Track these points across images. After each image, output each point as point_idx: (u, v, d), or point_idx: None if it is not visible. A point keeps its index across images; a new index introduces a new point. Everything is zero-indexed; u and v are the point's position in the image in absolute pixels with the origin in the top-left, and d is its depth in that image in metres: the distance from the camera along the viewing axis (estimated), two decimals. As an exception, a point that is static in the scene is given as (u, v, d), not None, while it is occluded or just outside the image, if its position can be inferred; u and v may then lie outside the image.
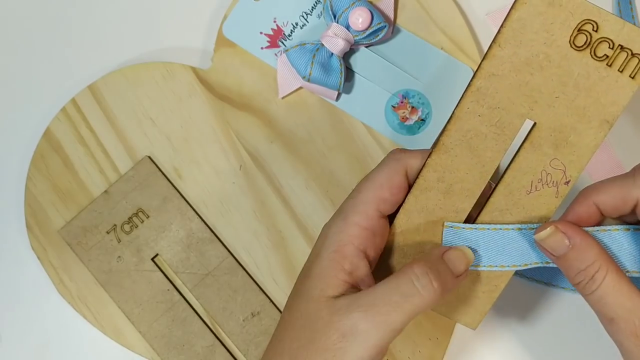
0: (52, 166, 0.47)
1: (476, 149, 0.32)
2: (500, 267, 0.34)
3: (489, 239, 0.34)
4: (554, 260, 0.32)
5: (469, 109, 0.32)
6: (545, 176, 0.32)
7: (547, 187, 0.32)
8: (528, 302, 0.46)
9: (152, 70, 0.47)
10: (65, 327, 0.48)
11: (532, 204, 0.33)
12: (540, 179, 0.32)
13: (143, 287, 0.46)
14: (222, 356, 0.45)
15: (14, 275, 0.48)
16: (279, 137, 0.46)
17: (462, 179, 0.33)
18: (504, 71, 0.31)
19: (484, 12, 0.47)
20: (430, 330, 0.45)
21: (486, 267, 0.34)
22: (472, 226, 0.34)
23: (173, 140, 0.47)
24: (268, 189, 0.46)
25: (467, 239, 0.34)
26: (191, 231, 0.46)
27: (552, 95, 0.31)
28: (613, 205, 0.32)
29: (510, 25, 0.31)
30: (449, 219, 0.34)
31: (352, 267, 0.32)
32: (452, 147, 0.32)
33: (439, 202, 0.33)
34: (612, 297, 0.31)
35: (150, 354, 0.46)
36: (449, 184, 0.33)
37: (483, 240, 0.34)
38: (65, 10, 0.50)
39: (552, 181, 0.32)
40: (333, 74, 0.44)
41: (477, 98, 0.32)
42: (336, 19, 0.44)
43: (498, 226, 0.33)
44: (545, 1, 0.30)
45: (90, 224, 0.46)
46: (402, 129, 0.45)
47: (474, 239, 0.34)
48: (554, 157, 0.32)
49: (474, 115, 0.32)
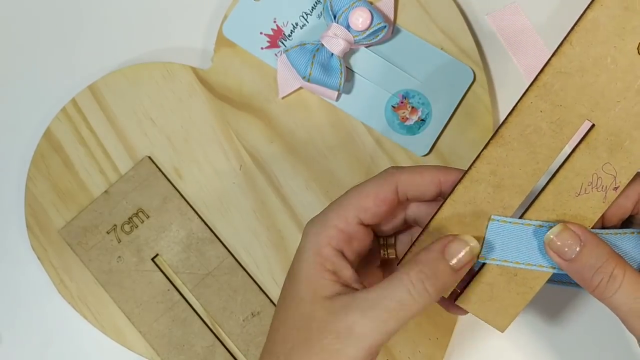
0: (53, 166, 0.47)
1: (533, 145, 0.32)
2: (539, 266, 0.33)
3: (533, 235, 0.33)
4: (564, 266, 0.32)
5: (532, 103, 0.32)
6: (596, 180, 0.32)
7: (596, 191, 0.32)
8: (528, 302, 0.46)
9: (152, 70, 0.47)
10: (65, 327, 0.48)
11: (578, 207, 0.33)
12: (590, 182, 0.32)
13: (143, 287, 0.46)
14: (222, 356, 0.45)
15: (14, 276, 0.48)
16: (279, 137, 0.46)
17: (515, 174, 0.33)
18: (571, 70, 0.31)
19: (484, 12, 0.47)
20: (430, 330, 0.45)
21: (525, 265, 0.33)
22: (520, 221, 0.33)
23: (173, 140, 0.47)
24: (268, 189, 0.46)
25: (512, 234, 0.33)
26: (191, 231, 0.46)
27: (614, 99, 0.31)
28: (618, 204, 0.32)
29: (584, 25, 0.31)
30: (496, 214, 0.33)
31: (334, 267, 0.33)
32: (509, 140, 0.32)
33: (487, 195, 0.33)
34: (632, 295, 0.30)
35: (150, 354, 0.46)
36: (500, 178, 0.33)
37: (526, 237, 0.33)
38: (65, 10, 0.49)
39: (602, 186, 0.32)
40: (333, 74, 0.44)
41: (541, 93, 0.32)
42: (336, 19, 0.44)
43: (545, 223, 0.33)
44: (621, 5, 0.30)
45: (90, 224, 0.46)
46: (402, 129, 0.45)
47: (518, 235, 0.33)
48: (607, 161, 0.32)
49: (536, 111, 0.32)
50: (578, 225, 0.32)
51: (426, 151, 0.45)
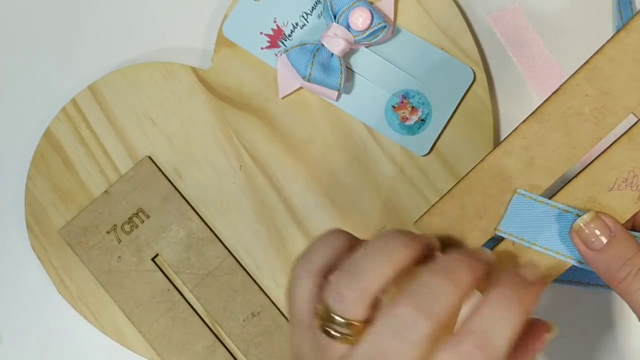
0: (53, 166, 0.47)
1: (572, 128, 0.31)
2: (556, 253, 0.32)
3: (556, 219, 0.32)
4: (590, 256, 0.30)
5: (579, 85, 0.30)
6: (632, 177, 0.31)
7: (630, 190, 0.31)
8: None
9: (152, 70, 0.47)
10: (65, 327, 0.48)
11: (608, 202, 0.31)
12: (625, 179, 0.31)
13: (143, 287, 0.46)
14: (222, 356, 0.45)
15: (14, 275, 0.48)
16: (279, 137, 0.46)
17: (548, 155, 0.31)
18: (624, 59, 0.30)
19: (484, 12, 0.47)
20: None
21: (541, 248, 0.32)
22: (546, 200, 0.32)
23: (173, 140, 0.47)
24: (268, 189, 0.46)
25: (535, 212, 0.32)
26: (191, 231, 0.46)
27: None
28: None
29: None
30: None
31: None
32: (548, 118, 0.31)
33: (517, 170, 0.32)
34: None
35: (150, 354, 0.46)
36: (533, 155, 0.32)
37: (549, 219, 0.32)
38: (65, 10, 0.49)
39: (637, 185, 0.31)
40: (333, 74, 0.44)
41: (590, 77, 0.30)
42: (336, 19, 0.44)
43: (571, 209, 0.31)
44: None
45: (90, 224, 0.46)
46: (402, 129, 0.45)
47: (541, 215, 0.32)
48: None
49: (581, 93, 0.31)
50: (609, 215, 0.31)
51: (426, 151, 0.45)
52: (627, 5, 0.48)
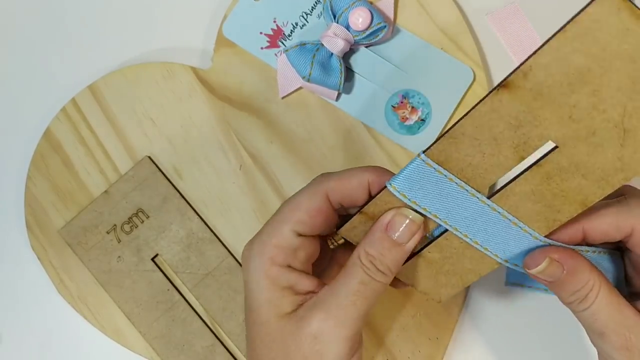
0: (52, 166, 0.47)
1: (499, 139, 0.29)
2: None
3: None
4: (546, 284, 0.32)
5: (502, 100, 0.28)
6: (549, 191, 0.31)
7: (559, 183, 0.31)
8: (527, 302, 0.46)
9: (152, 70, 0.47)
10: (65, 327, 0.48)
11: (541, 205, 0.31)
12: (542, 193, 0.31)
13: (143, 287, 0.46)
14: (222, 356, 0.45)
15: (14, 275, 0.48)
16: (279, 137, 0.46)
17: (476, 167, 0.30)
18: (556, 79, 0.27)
19: (484, 12, 0.47)
20: (430, 330, 0.45)
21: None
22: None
23: (173, 140, 0.47)
24: (268, 189, 0.46)
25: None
26: (191, 231, 0.46)
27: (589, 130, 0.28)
28: (604, 232, 0.32)
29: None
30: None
31: (288, 283, 0.33)
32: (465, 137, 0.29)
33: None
34: (604, 312, 0.31)
35: (150, 354, 0.46)
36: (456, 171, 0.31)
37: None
38: (65, 10, 0.50)
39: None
40: (333, 74, 0.44)
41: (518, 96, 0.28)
42: (336, 19, 0.44)
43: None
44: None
45: (90, 224, 0.46)
46: (402, 129, 0.45)
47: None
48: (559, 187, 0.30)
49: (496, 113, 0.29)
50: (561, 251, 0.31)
51: (426, 151, 0.45)
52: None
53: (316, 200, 0.33)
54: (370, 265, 0.32)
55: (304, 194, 0.34)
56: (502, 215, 0.32)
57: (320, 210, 0.33)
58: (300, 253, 0.33)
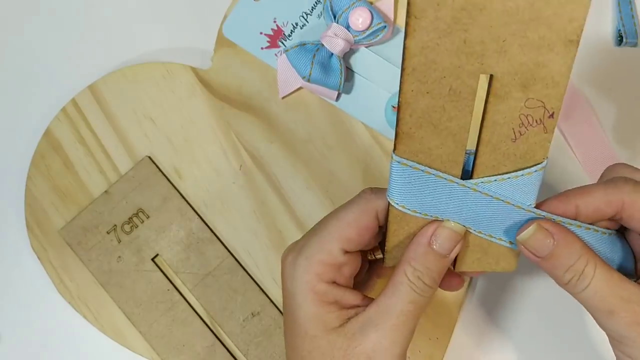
0: (52, 166, 0.47)
1: (440, 123, 0.30)
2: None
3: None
4: (538, 263, 0.32)
5: (414, 90, 0.29)
6: (525, 118, 0.30)
7: (532, 127, 0.30)
8: (527, 302, 0.46)
9: (152, 70, 0.47)
10: (65, 327, 0.48)
11: (522, 149, 0.31)
12: (521, 123, 0.30)
13: (143, 287, 0.46)
14: (222, 356, 0.45)
15: (14, 275, 0.48)
16: (279, 137, 0.46)
17: (439, 155, 0.31)
18: (432, 40, 0.28)
19: (484, 12, 0.47)
20: (430, 330, 0.45)
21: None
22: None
23: (173, 140, 0.47)
24: (268, 189, 0.46)
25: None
26: (191, 231, 0.46)
27: (499, 41, 0.28)
28: (595, 208, 0.32)
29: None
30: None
31: (334, 298, 0.33)
32: (413, 131, 0.30)
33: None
34: (607, 289, 0.30)
35: (150, 354, 0.46)
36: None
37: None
38: (65, 10, 0.50)
39: (535, 120, 0.30)
40: (333, 74, 0.44)
41: (417, 78, 0.29)
42: (336, 19, 0.44)
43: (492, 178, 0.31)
44: None
45: (90, 224, 0.46)
46: (402, 129, 0.45)
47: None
48: (527, 97, 0.29)
49: (422, 95, 0.29)
50: (551, 222, 0.31)
51: (426, 151, 0.45)
52: (626, 4, 0.48)
53: (365, 219, 0.33)
54: (418, 281, 0.32)
55: (353, 210, 0.33)
56: (484, 194, 0.31)
57: (368, 228, 0.33)
58: (345, 269, 0.33)
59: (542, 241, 0.31)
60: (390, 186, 0.32)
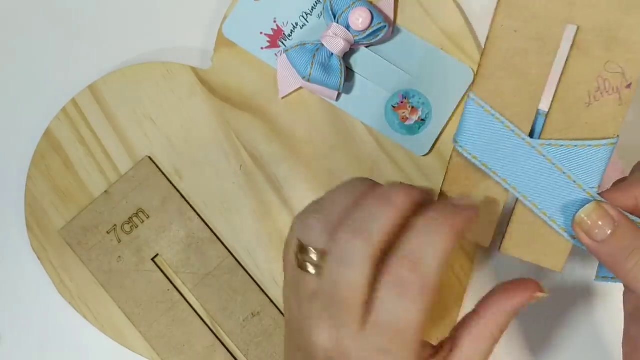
0: (52, 166, 0.47)
1: (520, 68, 0.30)
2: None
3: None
4: (594, 248, 0.29)
5: (503, 26, 0.29)
6: (603, 83, 0.29)
7: (608, 95, 0.29)
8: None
9: (152, 70, 0.47)
10: (65, 327, 0.48)
11: (594, 117, 0.29)
12: (597, 88, 0.29)
13: (143, 287, 0.46)
14: (222, 356, 0.45)
15: (14, 275, 0.48)
16: (279, 137, 0.46)
17: (511, 103, 0.30)
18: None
19: (484, 13, 0.47)
20: (431, 330, 0.45)
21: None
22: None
23: (173, 140, 0.47)
24: (268, 189, 0.46)
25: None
26: (191, 231, 0.46)
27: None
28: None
29: None
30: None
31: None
32: (494, 71, 0.30)
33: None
34: None
35: (150, 354, 0.46)
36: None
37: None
38: (65, 10, 0.49)
39: (612, 87, 0.29)
40: (333, 74, 0.44)
41: (509, 12, 0.29)
42: (336, 19, 0.44)
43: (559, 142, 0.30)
44: None
45: (90, 224, 0.46)
46: (402, 129, 0.45)
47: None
48: (608, 59, 0.29)
49: (510, 32, 0.29)
50: (611, 205, 0.29)
51: (426, 151, 0.45)
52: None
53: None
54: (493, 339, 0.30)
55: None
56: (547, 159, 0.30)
57: None
58: None
59: (603, 219, 0.29)
60: (459, 127, 0.31)
